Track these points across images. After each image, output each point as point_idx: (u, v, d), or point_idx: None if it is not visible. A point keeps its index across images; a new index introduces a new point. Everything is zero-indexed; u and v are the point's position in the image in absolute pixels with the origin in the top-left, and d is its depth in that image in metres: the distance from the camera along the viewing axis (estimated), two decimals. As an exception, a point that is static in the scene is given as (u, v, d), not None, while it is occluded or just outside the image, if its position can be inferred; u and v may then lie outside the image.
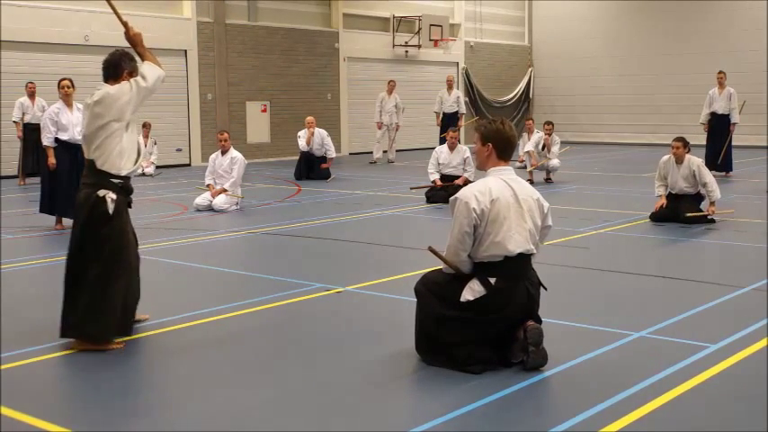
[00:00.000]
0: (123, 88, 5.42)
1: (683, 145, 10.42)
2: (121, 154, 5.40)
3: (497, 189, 4.86)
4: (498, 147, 4.98)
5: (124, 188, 5.48)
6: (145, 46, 5.61)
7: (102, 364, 5.09)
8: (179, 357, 5.25)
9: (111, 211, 5.33)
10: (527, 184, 5.10)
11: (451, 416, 4.16)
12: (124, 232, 5.48)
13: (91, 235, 5.34)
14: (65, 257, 5.48)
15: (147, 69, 5.51)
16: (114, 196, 5.36)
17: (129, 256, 5.51)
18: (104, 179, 5.37)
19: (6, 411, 4.24)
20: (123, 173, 5.43)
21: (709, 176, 10.37)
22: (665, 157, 10.61)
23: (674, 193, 10.52)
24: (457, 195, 4.93)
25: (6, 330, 5.73)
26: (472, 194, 4.84)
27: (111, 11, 5.81)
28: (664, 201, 10.40)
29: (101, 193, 5.33)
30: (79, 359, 5.16)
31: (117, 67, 5.56)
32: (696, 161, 10.49)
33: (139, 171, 6.19)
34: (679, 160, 10.42)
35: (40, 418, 4.16)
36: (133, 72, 5.56)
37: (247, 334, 5.74)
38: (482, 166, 5.12)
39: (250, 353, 5.33)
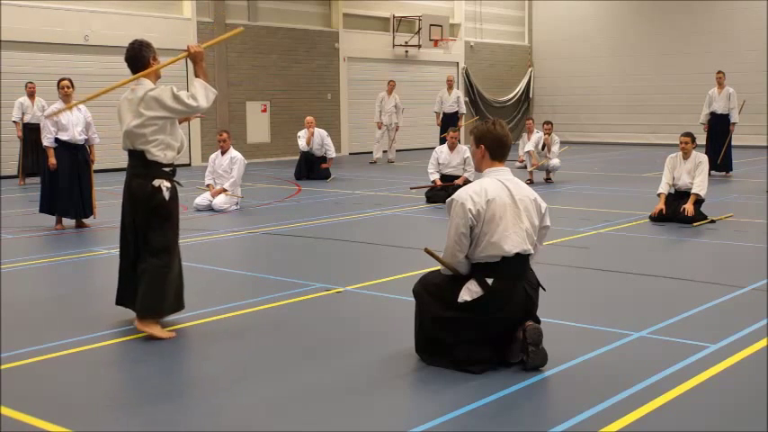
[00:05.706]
0: (164, 94, 5.62)
1: (692, 140, 10.59)
2: (169, 145, 5.73)
3: (493, 189, 4.86)
4: (490, 147, 4.98)
5: (173, 174, 5.82)
6: (202, 65, 5.76)
7: (101, 365, 5.10)
8: (177, 358, 5.25)
9: (167, 198, 5.69)
10: (524, 184, 5.09)
11: (451, 416, 4.16)
12: (177, 216, 5.88)
13: (151, 221, 5.68)
14: (118, 246, 5.88)
15: (200, 89, 5.68)
16: (168, 185, 5.72)
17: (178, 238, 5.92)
18: (155, 169, 5.68)
19: (6, 411, 4.24)
20: (170, 161, 5.76)
21: (704, 175, 10.42)
22: (673, 154, 10.72)
23: (676, 190, 10.57)
24: (453, 196, 4.93)
25: (7, 330, 5.73)
26: (468, 195, 4.84)
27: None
28: (662, 206, 10.38)
29: (156, 183, 5.67)
30: (79, 359, 5.16)
31: (141, 58, 5.76)
32: (702, 156, 10.66)
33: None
34: (686, 155, 10.54)
35: (40, 418, 4.16)
36: (156, 57, 5.81)
37: (247, 334, 5.74)
38: (478, 168, 5.13)
39: (249, 353, 5.33)
